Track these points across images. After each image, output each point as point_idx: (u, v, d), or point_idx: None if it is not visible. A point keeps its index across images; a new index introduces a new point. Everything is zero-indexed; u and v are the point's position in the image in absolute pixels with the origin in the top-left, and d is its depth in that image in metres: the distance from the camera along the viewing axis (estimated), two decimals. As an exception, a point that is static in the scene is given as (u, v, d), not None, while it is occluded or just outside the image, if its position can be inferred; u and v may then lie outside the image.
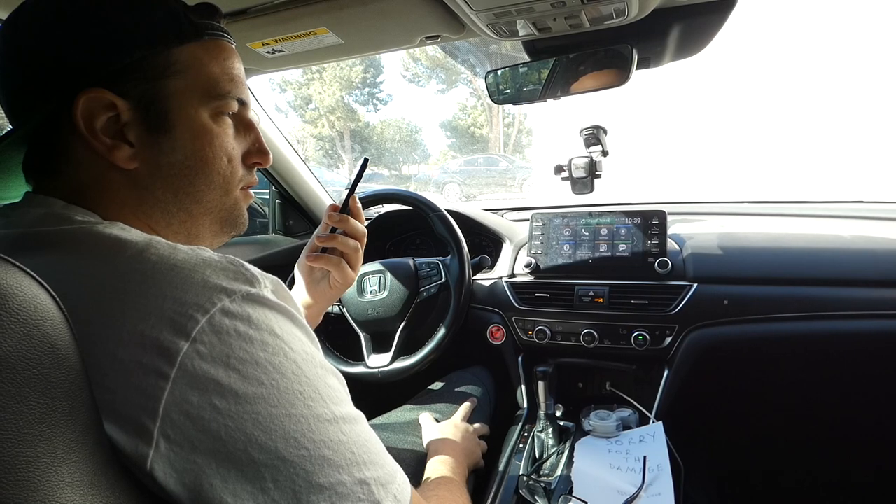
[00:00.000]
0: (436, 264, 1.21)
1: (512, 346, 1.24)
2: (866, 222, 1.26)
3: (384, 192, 1.25)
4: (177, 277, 0.38)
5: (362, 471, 0.41)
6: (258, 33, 0.91)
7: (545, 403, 1.03)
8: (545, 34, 0.87)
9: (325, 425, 0.40)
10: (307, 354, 0.41)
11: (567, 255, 1.21)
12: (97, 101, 0.44)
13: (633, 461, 0.90)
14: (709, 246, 1.15)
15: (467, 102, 22.63)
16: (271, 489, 0.37)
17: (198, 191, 0.50)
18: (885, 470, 1.24)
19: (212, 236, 0.55)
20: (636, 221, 1.17)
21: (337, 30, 0.89)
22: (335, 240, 0.76)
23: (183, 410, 0.35)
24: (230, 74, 0.51)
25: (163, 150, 0.48)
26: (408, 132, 24.11)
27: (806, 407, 1.25)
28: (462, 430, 0.96)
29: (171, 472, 0.35)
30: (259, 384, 0.37)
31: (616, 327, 1.12)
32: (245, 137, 0.55)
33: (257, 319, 0.39)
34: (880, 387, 1.16)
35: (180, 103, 0.48)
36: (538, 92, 0.98)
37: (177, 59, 0.47)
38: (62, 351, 0.32)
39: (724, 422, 1.32)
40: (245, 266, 0.41)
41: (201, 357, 0.36)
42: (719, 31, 0.88)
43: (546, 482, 0.91)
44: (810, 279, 1.06)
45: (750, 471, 1.34)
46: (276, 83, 21.69)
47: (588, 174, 1.18)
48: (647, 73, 1.01)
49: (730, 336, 1.06)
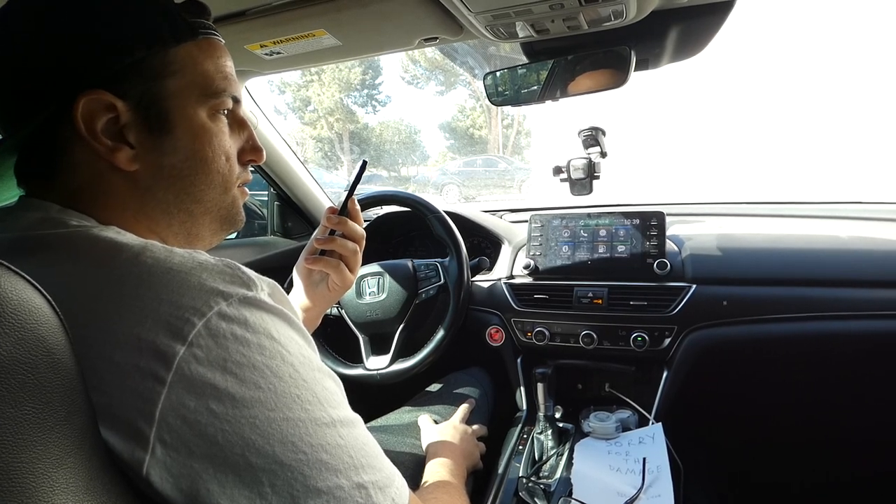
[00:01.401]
0: (434, 266, 1.21)
1: (511, 347, 1.23)
2: (865, 223, 1.26)
3: (383, 194, 1.24)
4: (173, 281, 0.38)
5: (360, 474, 0.41)
6: (256, 35, 0.91)
7: (544, 405, 1.03)
8: (543, 36, 0.87)
9: (322, 429, 0.40)
10: (304, 358, 0.41)
11: (566, 257, 1.21)
12: (97, 102, 0.44)
13: (633, 462, 0.90)
14: (707, 247, 1.15)
15: (466, 104, 22.65)
16: (269, 493, 0.37)
17: (198, 190, 0.51)
18: (886, 471, 1.24)
19: (211, 235, 0.55)
20: (635, 222, 1.17)
21: (335, 31, 0.89)
22: (334, 242, 0.76)
23: (179, 415, 0.35)
24: (224, 72, 0.51)
25: (164, 150, 0.48)
26: (407, 134, 24.13)
27: (805, 407, 1.25)
28: (461, 432, 0.96)
29: (167, 476, 0.35)
30: (256, 388, 0.37)
31: (615, 328, 1.12)
32: (239, 135, 0.55)
33: (254, 323, 0.39)
34: (879, 387, 1.16)
35: (179, 103, 0.48)
36: (537, 93, 0.98)
37: (174, 59, 0.47)
38: (58, 355, 0.32)
39: (724, 423, 1.32)
40: (242, 269, 0.41)
41: (198, 361, 0.36)
42: (717, 33, 0.88)
43: (545, 484, 0.91)
44: (809, 280, 1.06)
45: (750, 472, 1.34)
46: (274, 85, 21.71)
47: (587, 175, 1.18)
48: (645, 75, 1.01)
49: (729, 337, 1.06)
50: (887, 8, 6.96)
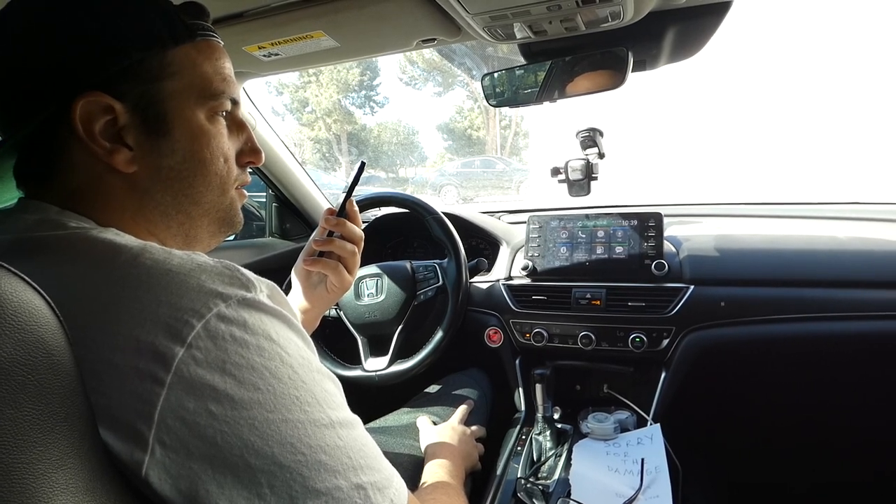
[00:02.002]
0: (433, 267, 1.21)
1: (509, 348, 1.24)
2: (863, 224, 1.26)
3: (381, 196, 1.25)
4: (172, 282, 0.38)
5: (359, 475, 0.41)
6: (254, 36, 0.91)
7: (543, 406, 1.03)
8: (541, 37, 0.87)
9: (321, 430, 0.40)
10: (303, 359, 0.41)
11: (564, 258, 1.21)
12: (95, 104, 0.44)
13: (631, 463, 0.90)
14: (705, 248, 1.15)
15: (464, 105, 22.65)
16: (268, 495, 0.37)
17: (196, 192, 0.50)
18: (884, 472, 1.24)
19: (209, 237, 0.55)
20: (633, 223, 1.17)
21: (333, 33, 0.90)
22: (332, 243, 0.76)
23: (179, 416, 0.35)
24: (222, 74, 0.51)
25: (162, 152, 0.48)
26: (405, 135, 24.12)
27: (803, 408, 1.25)
28: (459, 433, 0.96)
29: (166, 478, 0.35)
30: (255, 389, 0.37)
31: (613, 329, 1.12)
32: (238, 137, 0.55)
33: (253, 324, 0.39)
34: (877, 388, 1.16)
35: (177, 105, 0.48)
36: (534, 95, 0.99)
37: (171, 61, 0.47)
38: (57, 356, 0.32)
39: (722, 423, 1.33)
40: (240, 270, 0.41)
41: (197, 362, 0.36)
42: (715, 34, 0.88)
43: (544, 485, 0.91)
44: (807, 280, 1.06)
45: (748, 472, 1.34)
46: (272, 86, 21.69)
47: (584, 176, 1.18)
48: (643, 76, 1.01)
49: (727, 338, 1.07)
50: (886, 7, 6.98)
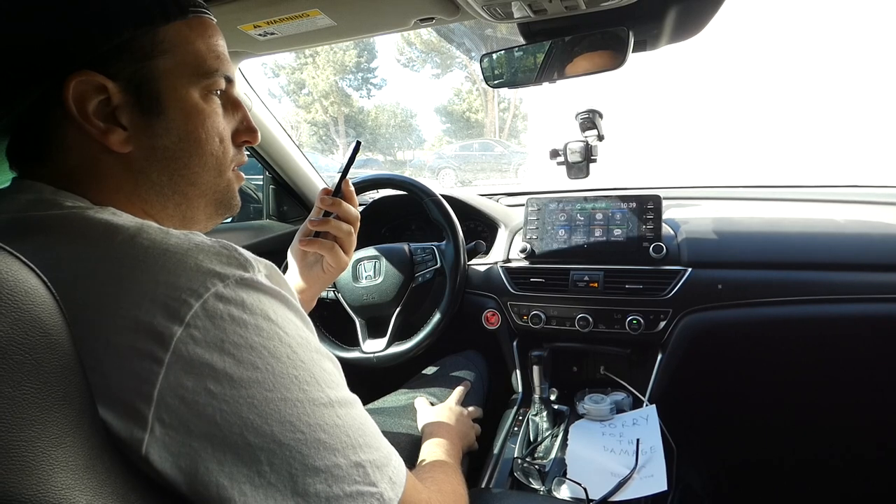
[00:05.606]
0: (431, 249, 1.21)
1: (507, 330, 1.24)
2: (861, 207, 1.26)
3: (379, 178, 1.24)
4: (169, 262, 0.38)
5: (358, 454, 0.41)
6: (250, 15, 0.90)
7: (540, 387, 1.04)
8: (541, 16, 0.86)
9: (320, 409, 0.40)
10: (302, 339, 0.41)
11: (562, 240, 1.21)
12: (88, 84, 0.43)
13: (627, 444, 0.91)
14: (703, 230, 1.15)
15: (462, 87, 22.48)
16: (267, 472, 0.37)
17: (192, 173, 0.50)
18: (878, 452, 1.26)
19: (206, 219, 0.55)
20: (631, 206, 1.17)
21: (329, 11, 0.88)
22: (328, 223, 0.76)
23: (178, 395, 0.35)
24: (216, 52, 0.50)
25: (156, 132, 0.47)
26: (402, 117, 23.96)
27: (799, 390, 1.26)
28: (456, 413, 0.97)
29: (166, 456, 0.35)
30: (254, 368, 0.37)
31: (610, 312, 1.12)
32: (233, 116, 0.54)
33: (251, 304, 0.39)
34: (873, 370, 1.17)
35: (171, 84, 0.47)
36: (534, 75, 0.97)
37: (164, 38, 0.46)
38: (54, 335, 0.32)
39: (718, 405, 1.34)
40: (238, 250, 0.41)
41: (195, 342, 0.36)
42: (716, 14, 0.87)
43: (540, 464, 0.92)
44: (805, 263, 1.07)
45: (742, 452, 1.36)
46: (268, 67, 21.50)
47: (584, 159, 1.18)
48: (643, 57, 1.00)
49: (724, 320, 1.07)
50: None
